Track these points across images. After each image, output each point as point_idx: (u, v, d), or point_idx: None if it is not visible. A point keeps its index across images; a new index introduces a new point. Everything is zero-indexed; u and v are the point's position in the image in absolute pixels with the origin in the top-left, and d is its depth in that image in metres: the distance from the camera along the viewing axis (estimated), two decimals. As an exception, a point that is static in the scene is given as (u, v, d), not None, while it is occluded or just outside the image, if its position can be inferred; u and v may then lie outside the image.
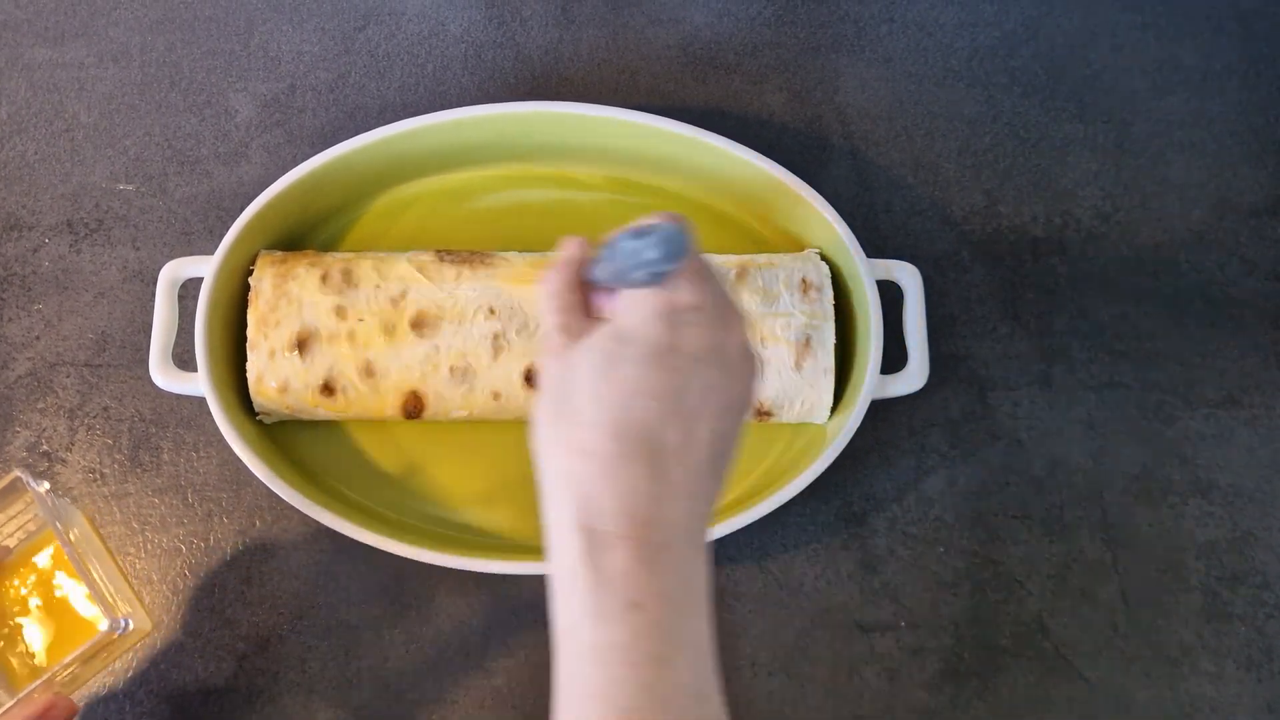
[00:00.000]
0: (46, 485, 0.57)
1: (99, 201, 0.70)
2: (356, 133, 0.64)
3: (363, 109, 0.72)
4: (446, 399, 0.62)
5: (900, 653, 0.63)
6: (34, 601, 0.59)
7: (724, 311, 0.43)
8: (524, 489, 0.64)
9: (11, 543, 0.59)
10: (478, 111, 0.65)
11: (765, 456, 0.65)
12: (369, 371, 0.61)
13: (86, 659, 0.55)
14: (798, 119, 0.73)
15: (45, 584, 0.59)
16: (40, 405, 0.66)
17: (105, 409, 0.66)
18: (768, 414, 0.63)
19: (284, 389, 0.61)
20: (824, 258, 0.65)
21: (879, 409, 0.65)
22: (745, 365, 0.44)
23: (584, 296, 0.46)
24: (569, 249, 0.47)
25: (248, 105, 0.72)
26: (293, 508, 0.60)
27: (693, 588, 0.40)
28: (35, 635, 0.58)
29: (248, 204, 0.63)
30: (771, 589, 0.64)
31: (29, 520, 0.59)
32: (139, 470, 0.65)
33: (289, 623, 0.63)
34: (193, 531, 0.64)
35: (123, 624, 0.55)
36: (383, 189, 0.68)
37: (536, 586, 0.63)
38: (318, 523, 0.60)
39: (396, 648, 0.62)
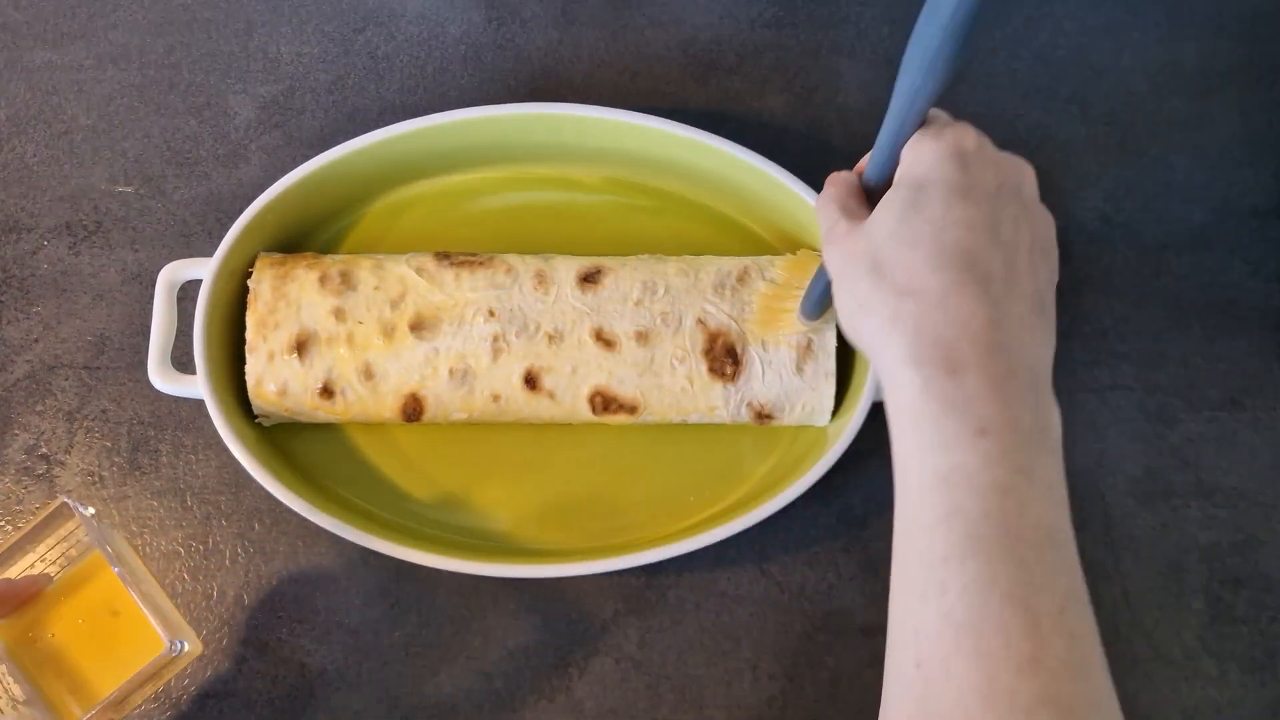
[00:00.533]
0: (92, 510, 0.57)
1: (98, 203, 0.70)
2: (356, 134, 0.64)
3: (362, 111, 0.72)
4: (446, 401, 0.62)
5: (902, 656, 0.63)
6: (85, 629, 0.58)
7: (1008, 157, 0.43)
8: (523, 491, 0.64)
9: (54, 570, 0.58)
10: (477, 113, 0.64)
11: (766, 459, 0.65)
12: (368, 374, 0.61)
13: (142, 682, 0.55)
14: (799, 121, 0.73)
15: (96, 610, 0.58)
16: (39, 408, 0.66)
17: (104, 411, 0.66)
18: (768, 417, 0.63)
19: (283, 392, 0.61)
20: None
21: (880, 412, 0.64)
22: (1042, 208, 0.43)
23: (861, 193, 0.46)
24: (836, 174, 0.47)
25: (247, 107, 0.72)
26: (292, 511, 0.60)
27: (1042, 425, 0.39)
28: (87, 663, 0.57)
29: (247, 206, 0.63)
30: (773, 592, 0.64)
31: (70, 548, 0.58)
32: (138, 473, 0.65)
33: (288, 626, 0.63)
34: (191, 535, 0.64)
35: (179, 645, 0.55)
36: (382, 191, 0.68)
37: (537, 590, 0.63)
38: (317, 526, 0.60)
39: (396, 651, 0.62)
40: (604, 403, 0.62)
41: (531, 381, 0.61)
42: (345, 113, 0.72)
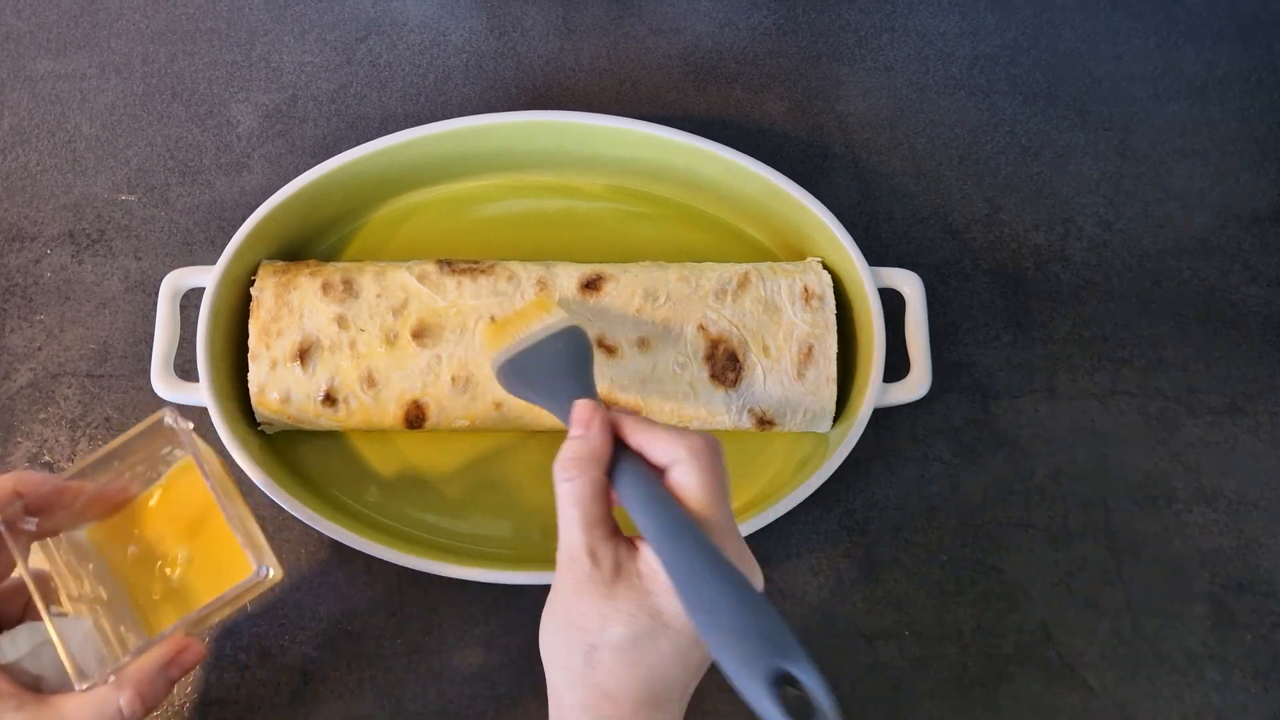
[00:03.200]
0: (190, 425, 0.55)
1: (101, 212, 0.70)
2: (358, 143, 0.64)
3: (364, 119, 0.72)
4: (448, 408, 0.62)
5: (904, 662, 0.63)
6: (173, 539, 0.56)
7: None
8: (526, 498, 0.64)
9: (152, 476, 0.56)
10: (479, 121, 0.65)
11: (768, 466, 0.65)
12: (370, 381, 0.61)
13: (226, 603, 0.53)
14: (799, 128, 0.73)
15: (186, 522, 0.56)
16: (42, 416, 0.66)
17: (107, 419, 0.66)
18: (770, 423, 0.63)
19: (286, 399, 0.61)
20: (826, 266, 0.65)
21: (881, 417, 0.65)
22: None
23: (607, 505, 0.47)
24: (593, 433, 0.48)
25: (249, 116, 0.72)
26: (295, 518, 0.60)
27: None
28: (176, 573, 0.55)
29: (249, 214, 0.63)
30: (775, 598, 0.64)
31: (160, 462, 0.56)
32: (141, 481, 0.65)
33: (290, 633, 0.63)
34: (194, 542, 0.64)
35: (265, 571, 0.53)
36: (384, 199, 0.68)
37: (539, 596, 0.63)
38: (320, 533, 0.60)
39: (399, 658, 0.62)
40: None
41: (533, 388, 0.61)
42: (347, 121, 0.72)
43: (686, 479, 0.45)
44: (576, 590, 0.45)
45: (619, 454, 0.47)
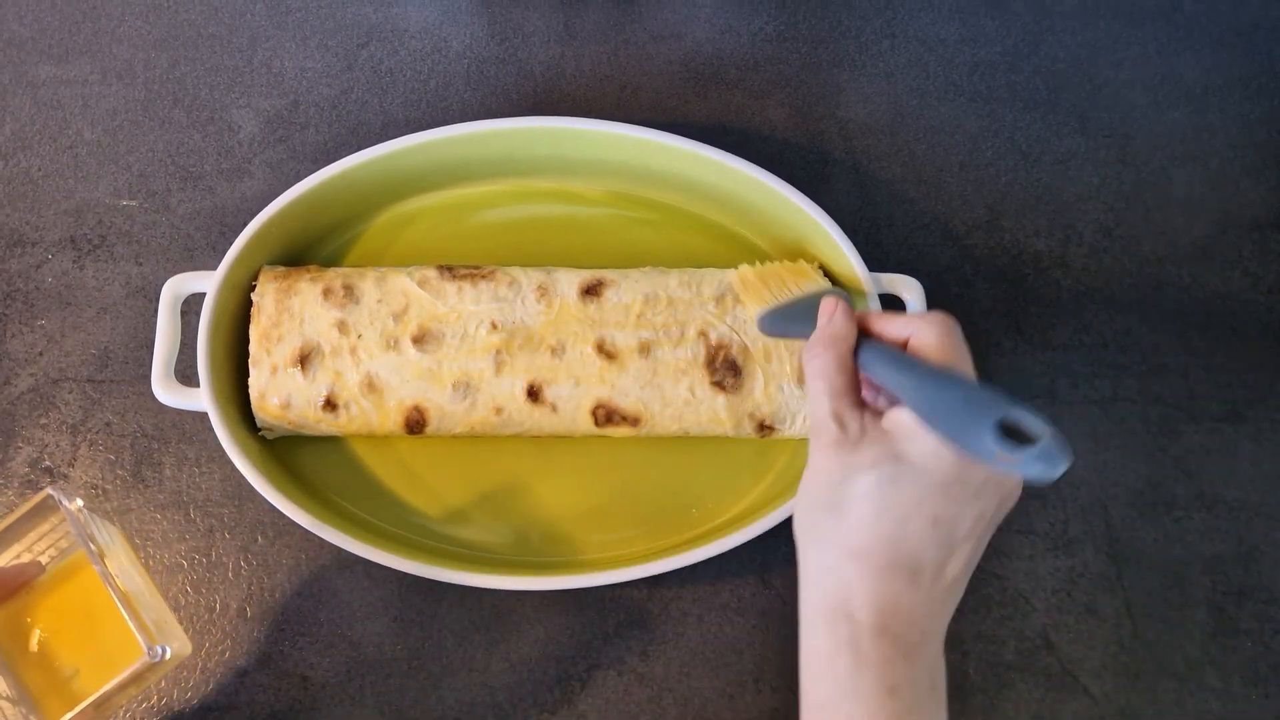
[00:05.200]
0: (80, 502, 0.56)
1: (102, 217, 0.70)
2: (359, 148, 0.64)
3: (365, 125, 0.72)
4: (449, 414, 0.62)
5: (905, 668, 0.63)
6: (70, 624, 0.57)
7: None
8: (526, 504, 0.64)
9: (44, 559, 0.57)
10: (480, 127, 0.65)
11: (768, 472, 0.65)
12: (371, 387, 0.61)
13: (123, 686, 0.53)
14: (799, 134, 0.73)
15: (80, 605, 0.57)
16: (43, 421, 0.66)
17: (108, 424, 0.66)
18: (770, 429, 0.63)
19: (286, 405, 0.61)
20: (826, 272, 0.65)
21: (882, 423, 0.65)
22: (1017, 488, 0.46)
23: (854, 378, 0.48)
24: (837, 318, 0.50)
25: (251, 121, 0.72)
26: (295, 523, 0.60)
27: (937, 686, 0.45)
28: (71, 659, 0.56)
29: (250, 220, 0.63)
30: (775, 604, 0.64)
31: (61, 538, 0.57)
32: (141, 486, 0.65)
33: (291, 639, 0.63)
34: (195, 547, 0.64)
35: (160, 651, 0.54)
36: (385, 204, 0.68)
37: (539, 603, 0.63)
38: (320, 538, 0.60)
39: (399, 664, 0.62)
40: (606, 415, 0.62)
41: (534, 394, 0.61)
42: (348, 127, 0.72)
43: (926, 337, 0.47)
44: (825, 455, 0.45)
45: (862, 339, 0.49)
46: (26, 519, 0.55)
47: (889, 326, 0.49)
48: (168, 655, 0.54)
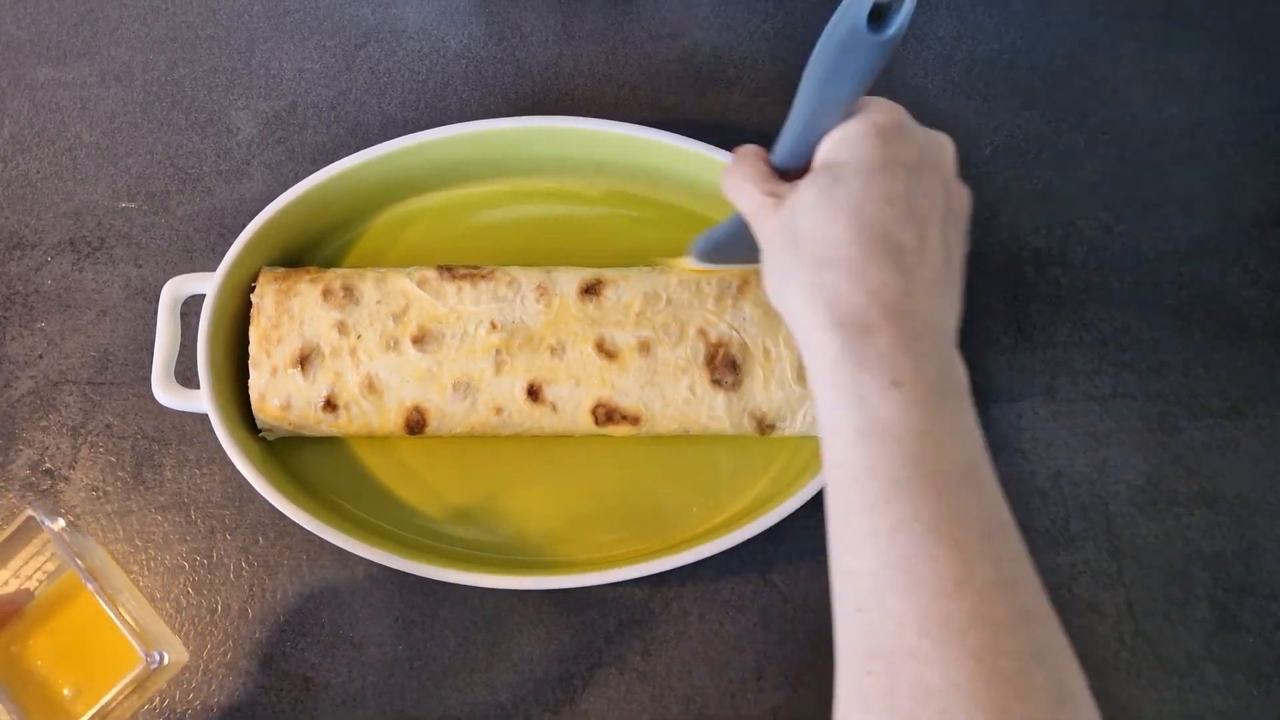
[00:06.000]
0: (62, 522, 0.57)
1: (101, 220, 0.70)
2: (358, 149, 0.64)
3: (364, 126, 0.72)
4: (449, 414, 0.62)
5: (906, 666, 0.63)
6: (64, 645, 0.57)
7: (928, 133, 0.45)
8: (527, 504, 0.64)
9: (33, 584, 0.58)
10: (478, 127, 0.65)
11: (769, 469, 0.65)
12: (371, 388, 0.61)
13: (124, 696, 0.54)
14: (798, 132, 0.73)
15: (74, 625, 0.57)
16: (43, 423, 0.66)
17: (108, 426, 0.66)
18: (770, 427, 0.63)
19: (286, 406, 0.61)
20: (826, 270, 0.65)
21: (882, 421, 0.65)
22: (959, 183, 0.45)
23: (770, 169, 0.47)
24: (745, 148, 0.49)
25: (249, 123, 0.72)
26: (296, 524, 0.60)
27: (951, 378, 0.41)
28: (69, 680, 0.56)
29: (250, 221, 0.63)
30: (776, 602, 0.64)
31: (47, 560, 0.58)
32: (142, 488, 0.65)
33: (292, 640, 0.63)
34: (195, 549, 0.64)
35: (158, 657, 0.54)
36: (384, 205, 0.68)
37: (540, 602, 0.63)
38: (321, 539, 0.60)
39: (401, 664, 0.62)
40: (606, 414, 0.62)
41: (534, 394, 0.61)
42: (347, 128, 0.72)
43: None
44: (770, 221, 0.45)
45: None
46: (9, 544, 0.55)
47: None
48: (166, 661, 0.55)
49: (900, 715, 0.37)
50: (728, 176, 0.48)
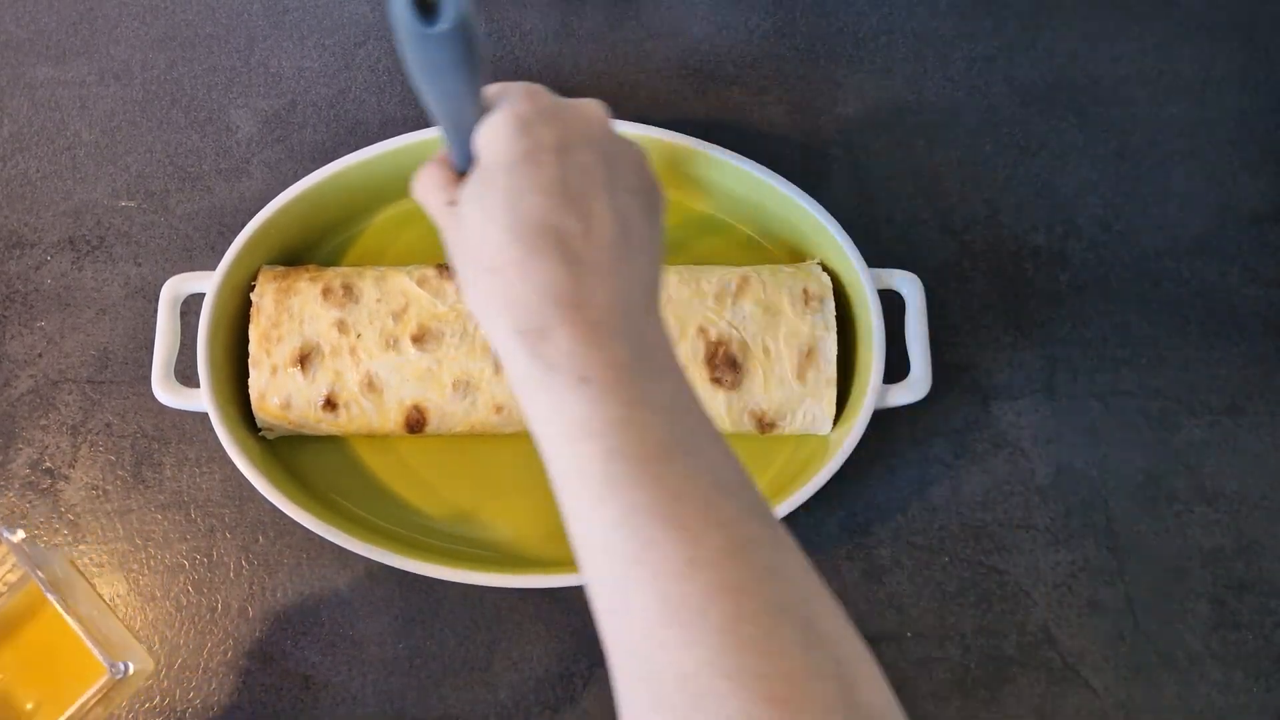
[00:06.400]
0: (22, 533, 0.56)
1: (101, 218, 0.70)
2: (357, 148, 0.64)
3: (363, 124, 0.72)
4: (449, 413, 0.62)
5: (906, 664, 0.63)
6: (26, 658, 0.56)
7: (567, 105, 0.44)
8: (527, 502, 0.64)
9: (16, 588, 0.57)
10: (478, 125, 0.65)
11: (768, 468, 0.65)
12: (371, 386, 0.61)
13: (89, 708, 0.54)
14: (798, 130, 0.73)
15: (35, 640, 0.57)
16: (43, 422, 0.66)
17: (108, 425, 0.66)
18: (771, 425, 0.63)
19: (286, 405, 0.61)
20: (825, 268, 0.65)
21: (882, 419, 0.65)
22: (619, 142, 0.44)
23: (451, 173, 0.46)
24: (430, 160, 0.47)
25: (249, 121, 0.72)
26: (296, 523, 0.60)
27: (645, 353, 0.40)
28: (31, 694, 0.56)
29: (249, 220, 0.63)
30: (776, 601, 0.64)
31: (8, 571, 0.57)
32: (142, 486, 0.65)
33: (292, 638, 0.63)
34: (195, 547, 0.64)
35: (123, 668, 0.54)
36: (384, 204, 0.68)
37: (541, 600, 0.63)
38: (321, 538, 0.60)
39: (400, 663, 0.62)
40: (606, 413, 0.62)
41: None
42: (346, 126, 0.72)
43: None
44: (450, 238, 0.44)
45: None
46: None
47: None
48: (130, 671, 0.54)
49: (668, 707, 0.36)
50: (415, 187, 0.46)
